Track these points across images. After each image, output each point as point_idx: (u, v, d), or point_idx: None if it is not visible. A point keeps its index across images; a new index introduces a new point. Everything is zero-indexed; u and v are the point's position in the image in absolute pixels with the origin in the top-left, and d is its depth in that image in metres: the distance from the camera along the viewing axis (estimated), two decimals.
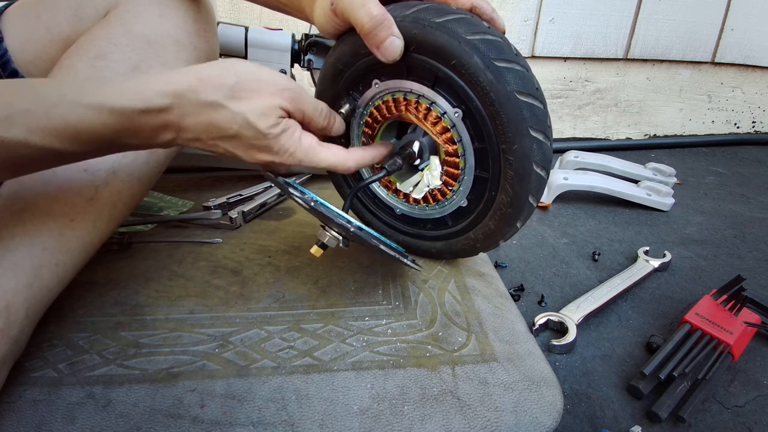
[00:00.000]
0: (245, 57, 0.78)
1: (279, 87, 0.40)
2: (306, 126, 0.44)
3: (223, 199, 0.73)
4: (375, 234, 0.46)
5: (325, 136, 0.47)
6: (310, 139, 0.43)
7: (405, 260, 0.46)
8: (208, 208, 0.70)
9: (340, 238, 0.46)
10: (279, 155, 0.41)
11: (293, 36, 0.79)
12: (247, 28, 0.77)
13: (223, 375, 0.42)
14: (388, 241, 0.47)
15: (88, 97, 0.34)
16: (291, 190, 0.44)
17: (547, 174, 0.46)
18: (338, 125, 0.48)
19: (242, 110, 0.38)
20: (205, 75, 0.38)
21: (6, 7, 0.53)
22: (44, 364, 0.42)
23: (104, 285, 0.53)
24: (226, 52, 0.77)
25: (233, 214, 0.67)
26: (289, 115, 0.42)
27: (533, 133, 0.43)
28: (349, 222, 0.43)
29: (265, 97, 0.39)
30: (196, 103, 0.37)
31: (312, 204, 0.43)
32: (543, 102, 0.44)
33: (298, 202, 0.44)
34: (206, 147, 0.40)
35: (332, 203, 0.45)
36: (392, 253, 0.45)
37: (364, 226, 0.45)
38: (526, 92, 0.42)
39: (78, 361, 0.42)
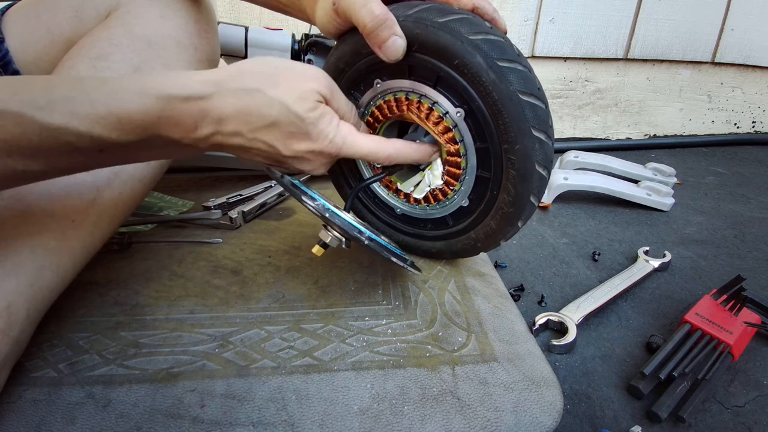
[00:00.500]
0: (245, 57, 0.78)
1: (316, 75, 0.41)
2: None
3: (223, 199, 0.72)
4: (386, 245, 0.46)
5: None
6: (348, 127, 0.43)
7: (412, 270, 0.47)
8: (208, 208, 0.70)
9: (343, 239, 0.46)
10: (318, 142, 0.41)
11: (293, 36, 0.79)
12: (247, 28, 0.77)
13: (223, 375, 0.42)
14: (398, 251, 0.48)
15: (131, 84, 0.35)
16: (304, 198, 0.43)
17: (549, 174, 0.46)
18: (364, 130, 0.48)
19: (279, 95, 0.38)
20: (244, 66, 0.39)
21: (7, 8, 0.53)
22: (44, 364, 0.42)
23: (104, 285, 0.53)
24: (226, 52, 0.77)
25: (233, 214, 0.67)
26: (327, 104, 0.42)
27: (535, 133, 0.43)
28: (360, 233, 0.43)
29: (302, 83, 0.39)
30: (235, 90, 0.37)
31: (327, 214, 0.42)
32: (545, 102, 0.44)
33: (309, 209, 0.44)
34: (247, 144, 0.40)
35: (333, 203, 0.45)
36: (401, 263, 0.45)
37: (375, 237, 0.45)
38: (529, 92, 0.42)
39: (78, 361, 0.42)
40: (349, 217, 0.45)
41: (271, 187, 0.78)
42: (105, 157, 0.37)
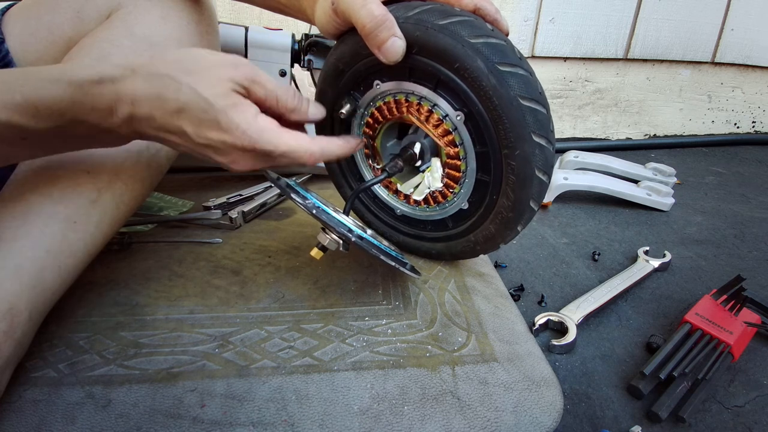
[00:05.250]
0: (245, 57, 0.78)
1: (234, 64, 0.39)
2: (272, 107, 0.42)
3: (223, 199, 0.73)
4: (375, 242, 0.46)
5: (302, 124, 0.45)
6: (267, 121, 0.40)
7: (404, 269, 0.46)
8: (208, 208, 0.70)
9: (341, 241, 0.46)
10: (229, 133, 0.39)
11: (293, 36, 0.79)
12: (247, 28, 0.77)
13: (223, 375, 0.42)
14: (388, 250, 0.47)
15: (47, 73, 0.36)
16: (293, 195, 0.44)
17: (549, 179, 0.46)
18: (314, 108, 0.45)
19: (191, 82, 0.38)
20: (160, 54, 0.39)
21: (8, 8, 0.53)
22: (44, 364, 0.42)
23: (104, 285, 0.53)
24: (227, 52, 0.77)
25: (233, 214, 0.67)
26: (248, 96, 0.40)
27: (536, 139, 0.43)
28: (349, 231, 0.43)
29: (216, 70, 0.38)
30: (148, 74, 0.37)
31: (314, 211, 0.42)
32: (546, 106, 0.43)
33: (300, 207, 0.44)
34: (163, 127, 0.39)
35: (333, 204, 0.45)
36: (392, 263, 0.44)
37: (365, 234, 0.45)
38: (529, 97, 0.42)
39: (78, 361, 0.43)
40: (335, 213, 0.44)
41: (271, 187, 0.78)
42: (31, 146, 0.38)
